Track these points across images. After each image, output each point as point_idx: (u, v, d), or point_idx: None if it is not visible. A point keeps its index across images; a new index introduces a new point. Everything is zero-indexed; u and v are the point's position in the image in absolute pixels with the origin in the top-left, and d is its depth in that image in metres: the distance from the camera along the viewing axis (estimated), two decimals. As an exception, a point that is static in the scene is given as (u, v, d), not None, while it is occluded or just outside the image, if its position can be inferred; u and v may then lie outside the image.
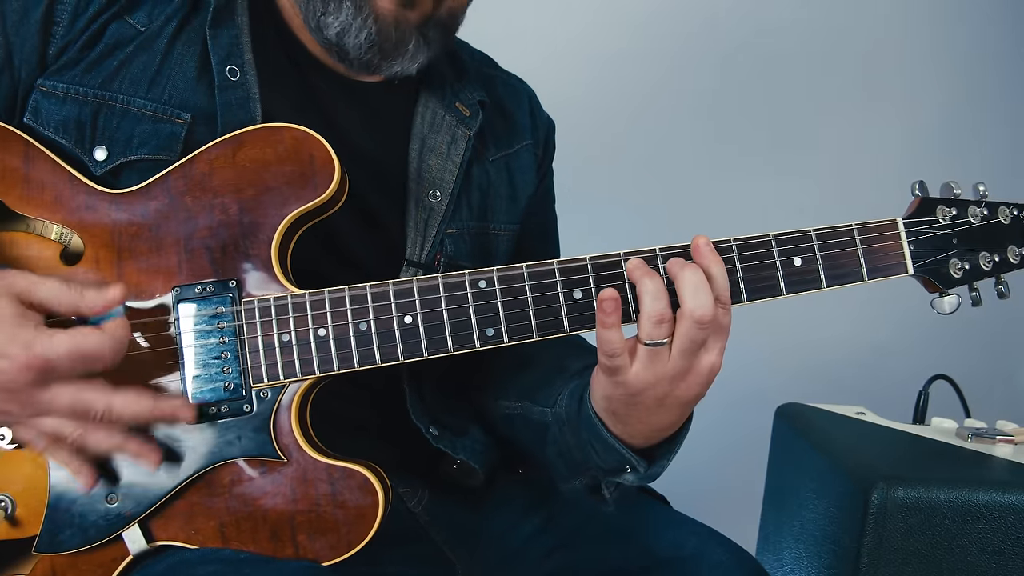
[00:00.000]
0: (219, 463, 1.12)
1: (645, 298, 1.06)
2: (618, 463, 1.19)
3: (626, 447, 1.17)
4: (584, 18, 2.79)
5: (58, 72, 1.21)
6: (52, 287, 1.01)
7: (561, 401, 1.27)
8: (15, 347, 0.96)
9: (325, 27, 1.26)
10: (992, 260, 1.21)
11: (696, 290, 1.05)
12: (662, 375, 1.08)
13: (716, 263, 1.09)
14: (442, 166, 1.40)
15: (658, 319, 1.05)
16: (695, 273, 1.06)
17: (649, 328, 1.05)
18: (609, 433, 1.17)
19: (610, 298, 1.06)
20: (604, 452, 1.19)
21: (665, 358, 1.07)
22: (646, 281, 1.07)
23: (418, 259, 1.36)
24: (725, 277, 1.09)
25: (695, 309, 1.04)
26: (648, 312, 1.06)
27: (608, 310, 1.06)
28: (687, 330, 1.05)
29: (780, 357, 2.87)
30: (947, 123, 2.95)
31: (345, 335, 1.13)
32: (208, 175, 1.16)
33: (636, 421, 1.14)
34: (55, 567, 1.12)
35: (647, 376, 1.08)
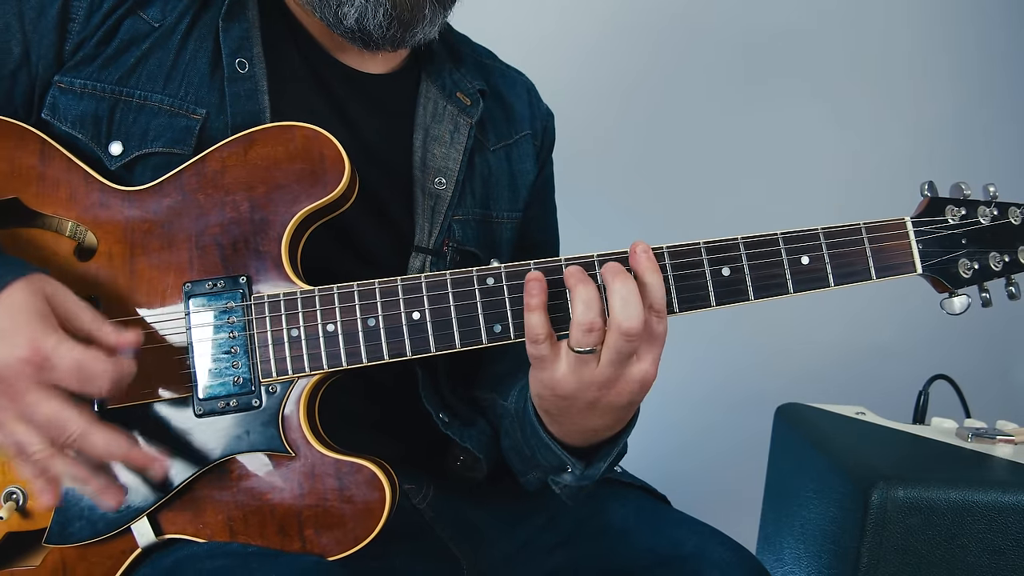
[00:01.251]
0: (228, 457, 1.13)
1: (577, 306, 1.06)
2: (557, 462, 1.21)
3: (562, 447, 1.19)
4: (584, 14, 2.79)
5: (75, 68, 1.22)
6: (79, 305, 1.04)
7: (513, 395, 1.30)
8: (24, 338, 0.97)
9: (344, 17, 1.27)
10: (1002, 260, 1.20)
11: (625, 301, 1.04)
12: (590, 381, 1.08)
13: (651, 271, 1.08)
14: (446, 154, 1.42)
15: (587, 328, 1.05)
16: (625, 284, 1.05)
17: (578, 336, 1.05)
18: (545, 432, 1.19)
19: (535, 279, 1.06)
20: (542, 450, 1.21)
21: (593, 366, 1.07)
22: (579, 288, 1.06)
23: (426, 245, 1.37)
24: (660, 286, 1.08)
25: (623, 321, 1.04)
26: (578, 320, 1.05)
27: (533, 292, 1.06)
28: (614, 341, 1.05)
29: (780, 357, 2.87)
30: (957, 123, 2.94)
31: (353, 330, 1.14)
32: (220, 172, 1.18)
33: (570, 422, 1.16)
34: (65, 559, 1.12)
35: (574, 381, 1.08)
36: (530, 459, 1.28)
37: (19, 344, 0.96)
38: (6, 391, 0.98)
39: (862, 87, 2.92)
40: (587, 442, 1.20)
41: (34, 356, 0.96)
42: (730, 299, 1.14)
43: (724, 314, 1.16)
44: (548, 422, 1.19)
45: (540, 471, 1.28)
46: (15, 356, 0.96)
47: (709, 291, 1.14)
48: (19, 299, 0.99)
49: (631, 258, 1.09)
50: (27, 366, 0.96)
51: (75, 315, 1.04)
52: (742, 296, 1.14)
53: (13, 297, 0.99)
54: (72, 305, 1.04)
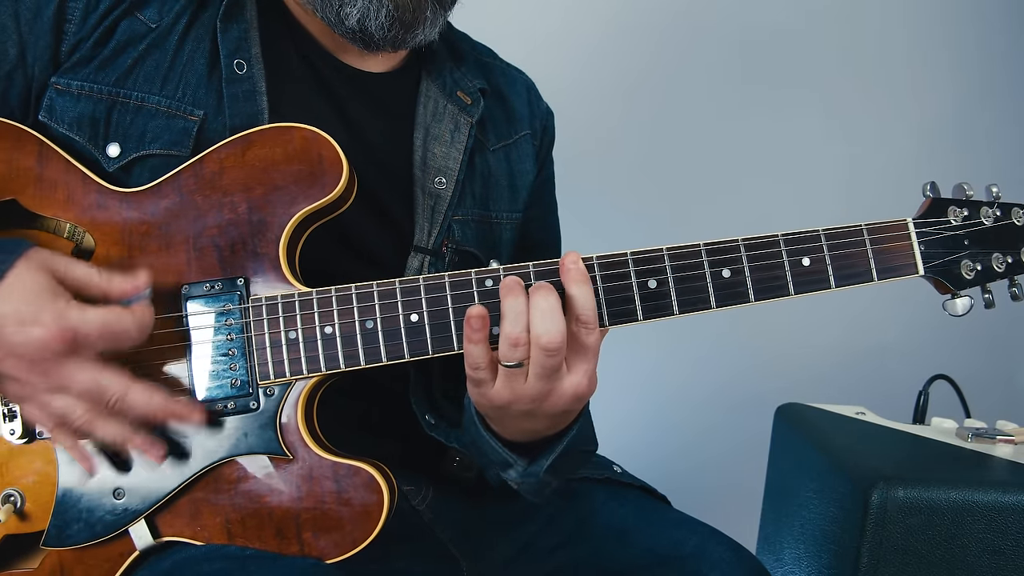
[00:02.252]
0: (225, 460, 1.12)
1: (504, 319, 1.06)
2: (500, 459, 1.22)
3: (504, 444, 1.20)
4: (586, 14, 2.79)
5: (72, 69, 1.22)
6: (84, 269, 1.05)
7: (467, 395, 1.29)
8: (48, 316, 0.98)
9: (346, 17, 1.26)
10: (1005, 261, 1.20)
11: (544, 316, 1.03)
12: (521, 394, 1.08)
13: (577, 283, 1.07)
14: (446, 153, 1.41)
15: (513, 342, 1.05)
16: (546, 298, 1.04)
17: (505, 350, 1.05)
18: (486, 431, 1.20)
19: (477, 316, 1.06)
20: (487, 448, 1.22)
21: (523, 379, 1.07)
22: (507, 301, 1.06)
23: (426, 245, 1.37)
24: (588, 297, 1.07)
25: (541, 336, 1.03)
26: (506, 333, 1.05)
27: (475, 327, 1.06)
28: (537, 356, 1.04)
29: (780, 357, 2.87)
30: (959, 123, 2.94)
31: (351, 333, 1.13)
32: (218, 174, 1.17)
33: (509, 425, 1.17)
34: (63, 561, 1.12)
35: (507, 393, 1.08)
36: (480, 456, 1.28)
37: (45, 323, 0.97)
38: (42, 369, 0.99)
39: (864, 87, 2.91)
40: (529, 440, 1.20)
41: (64, 332, 0.98)
42: (731, 301, 1.14)
43: (724, 314, 1.15)
44: (489, 423, 1.20)
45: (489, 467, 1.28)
46: (45, 337, 0.97)
47: (710, 293, 1.14)
48: (29, 280, 1.00)
49: (560, 268, 1.09)
50: (58, 343, 0.98)
51: (82, 279, 1.05)
52: (743, 298, 1.14)
53: (22, 279, 1.00)
54: (76, 270, 1.05)
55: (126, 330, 1.03)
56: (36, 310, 0.98)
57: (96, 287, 1.05)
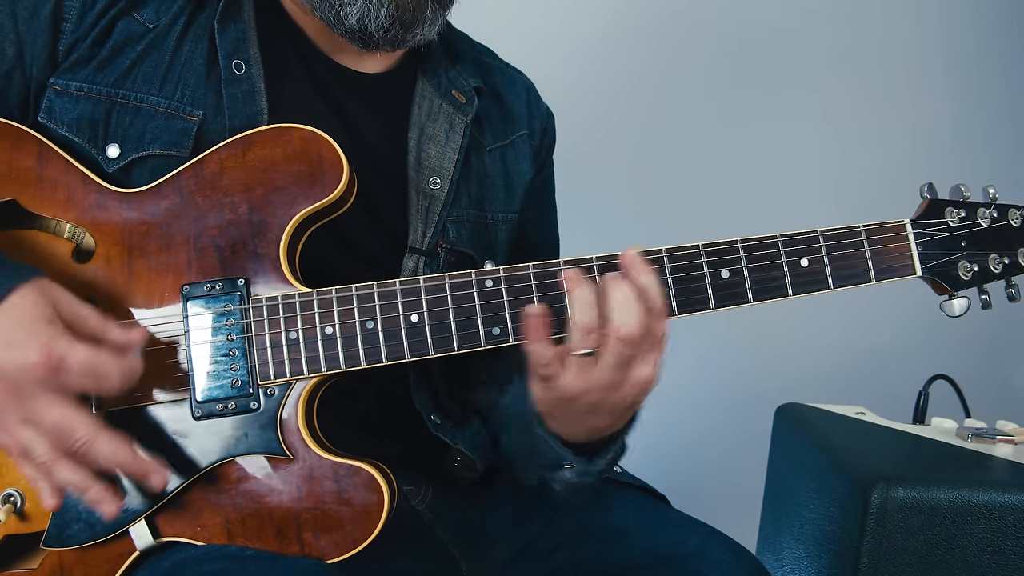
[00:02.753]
0: (226, 460, 1.12)
1: (574, 309, 1.07)
2: (557, 459, 1.22)
3: (563, 445, 1.19)
4: (586, 14, 2.79)
5: (70, 70, 1.22)
6: (83, 309, 1.05)
7: (509, 394, 1.30)
8: (37, 342, 0.97)
9: (346, 17, 1.26)
10: (1002, 263, 1.20)
11: (622, 307, 1.05)
12: (594, 384, 1.08)
13: (646, 274, 1.08)
14: (441, 153, 1.41)
15: (586, 330, 1.06)
16: (622, 289, 1.06)
17: (578, 338, 1.06)
18: (545, 431, 1.19)
19: (537, 314, 1.07)
20: (542, 447, 1.21)
21: (595, 368, 1.07)
22: (576, 292, 1.07)
23: (420, 246, 1.37)
24: (657, 288, 1.08)
25: (620, 327, 1.04)
26: (576, 323, 1.06)
27: (532, 326, 1.07)
28: (614, 346, 1.05)
29: (780, 357, 2.87)
30: (956, 124, 2.94)
31: (352, 333, 1.13)
32: (218, 174, 1.17)
33: (572, 423, 1.17)
34: (63, 562, 1.12)
35: (579, 384, 1.09)
36: (529, 456, 1.28)
37: (32, 349, 0.97)
38: (17, 395, 0.99)
39: (862, 89, 2.91)
40: (588, 439, 1.20)
41: (49, 361, 0.97)
42: (729, 302, 1.14)
43: (724, 314, 1.16)
44: (548, 421, 1.19)
45: (538, 468, 1.28)
46: (29, 361, 0.97)
47: (708, 294, 1.14)
48: (27, 304, 1.00)
49: (624, 265, 1.10)
50: (41, 371, 0.97)
51: (80, 318, 1.04)
52: (741, 299, 1.14)
53: (22, 302, 1.00)
54: (76, 308, 1.04)
55: (110, 374, 1.01)
56: (26, 335, 0.97)
57: (92, 328, 1.05)
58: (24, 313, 0.99)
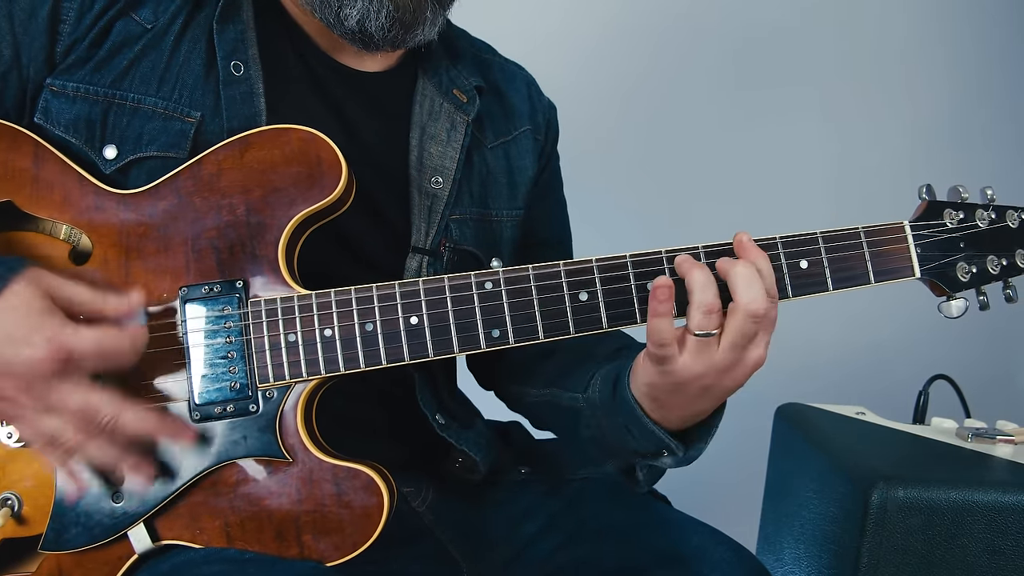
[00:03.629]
0: (225, 463, 1.12)
1: (695, 288, 1.07)
2: (656, 447, 1.19)
3: (664, 432, 1.17)
4: (586, 14, 2.79)
5: (67, 71, 1.21)
6: (79, 288, 1.05)
7: (594, 386, 1.28)
8: (41, 336, 0.98)
9: (346, 18, 1.26)
10: (1000, 264, 1.20)
11: (749, 284, 1.05)
12: (711, 366, 1.08)
13: (762, 257, 1.10)
14: (442, 153, 1.41)
15: (707, 309, 1.06)
16: (747, 267, 1.07)
17: (699, 318, 1.06)
18: (648, 418, 1.17)
19: (664, 286, 1.06)
20: (641, 436, 1.19)
21: (714, 349, 1.07)
22: (695, 272, 1.07)
23: (423, 246, 1.36)
24: (771, 271, 1.10)
25: (749, 303, 1.05)
26: (698, 302, 1.06)
27: (661, 298, 1.06)
28: (740, 323, 1.06)
29: (780, 357, 2.84)
30: (955, 125, 2.94)
31: (351, 335, 1.13)
32: (216, 176, 1.17)
33: (676, 407, 1.15)
34: (61, 565, 1.12)
35: (696, 367, 1.08)
36: (615, 448, 1.26)
37: (38, 344, 0.97)
38: (33, 389, 0.99)
39: (861, 89, 2.92)
40: (683, 426, 1.19)
41: (57, 353, 0.98)
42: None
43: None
44: (651, 408, 1.17)
45: (627, 458, 1.27)
46: (37, 357, 0.97)
47: (709, 295, 1.13)
48: (25, 298, 1.00)
49: (739, 248, 1.11)
50: (51, 364, 0.98)
51: (77, 299, 1.05)
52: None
53: (17, 297, 0.99)
54: (70, 290, 1.05)
55: (120, 350, 1.03)
56: (29, 330, 0.98)
57: (91, 306, 1.06)
58: (22, 308, 0.99)
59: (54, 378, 0.99)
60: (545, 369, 1.43)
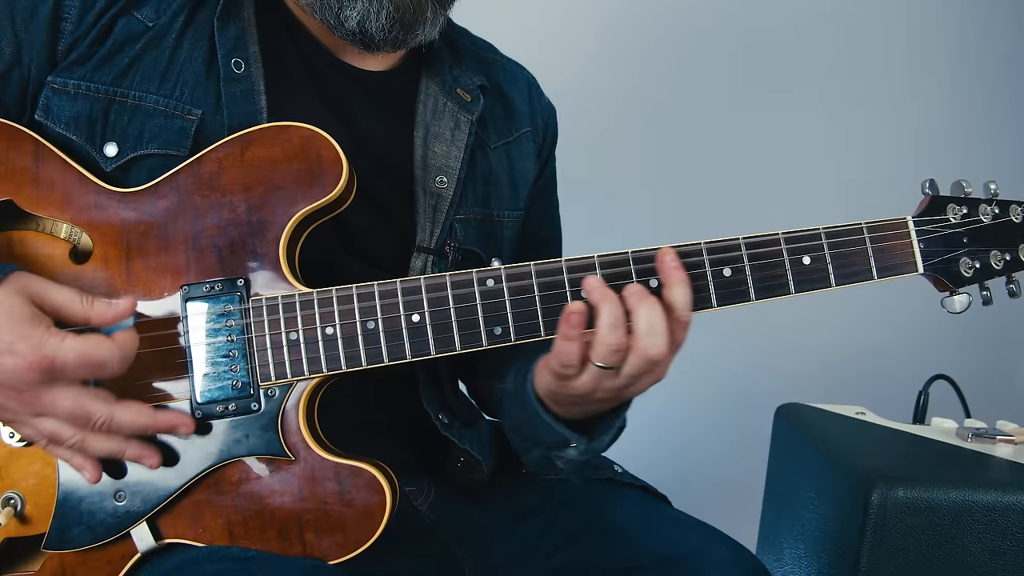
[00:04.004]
0: (227, 461, 1.12)
1: (602, 326, 1.05)
2: (560, 439, 1.21)
3: (564, 425, 1.19)
4: (586, 15, 2.79)
5: (68, 69, 1.21)
6: (65, 293, 1.04)
7: (509, 377, 1.30)
8: (25, 345, 0.97)
9: (346, 19, 1.26)
10: (1003, 259, 1.20)
11: (651, 328, 1.04)
12: (609, 388, 1.10)
13: (680, 281, 1.08)
14: (447, 152, 1.41)
15: (615, 348, 1.05)
16: (652, 309, 1.05)
17: (604, 355, 1.06)
18: (548, 414, 1.19)
19: (576, 312, 1.05)
20: (544, 429, 1.21)
21: (613, 376, 1.08)
22: (604, 308, 1.06)
23: (428, 245, 1.36)
24: (687, 296, 1.08)
25: (648, 348, 1.04)
26: (605, 341, 1.05)
27: (573, 323, 1.06)
28: (638, 361, 1.05)
29: (780, 357, 2.87)
30: (957, 121, 2.94)
31: (353, 333, 1.13)
32: (217, 174, 1.17)
33: (572, 408, 1.18)
34: (64, 564, 1.12)
35: (591, 385, 1.09)
36: (532, 437, 1.27)
37: (22, 353, 0.97)
38: (21, 397, 0.99)
39: (863, 86, 2.92)
40: (584, 416, 1.20)
41: (41, 362, 0.97)
42: (732, 300, 1.14)
43: (724, 314, 1.15)
44: (552, 405, 1.19)
45: (543, 448, 1.27)
46: (22, 366, 0.97)
47: (711, 292, 1.14)
48: (7, 307, 0.99)
49: (660, 267, 1.10)
50: (36, 372, 0.97)
51: (64, 305, 1.03)
52: (744, 297, 1.14)
53: (1, 305, 0.98)
54: (57, 296, 1.03)
55: (105, 360, 1.01)
56: (12, 339, 0.97)
57: (78, 313, 1.04)
58: (7, 315, 0.98)
59: (40, 386, 0.99)
60: (489, 358, 1.44)
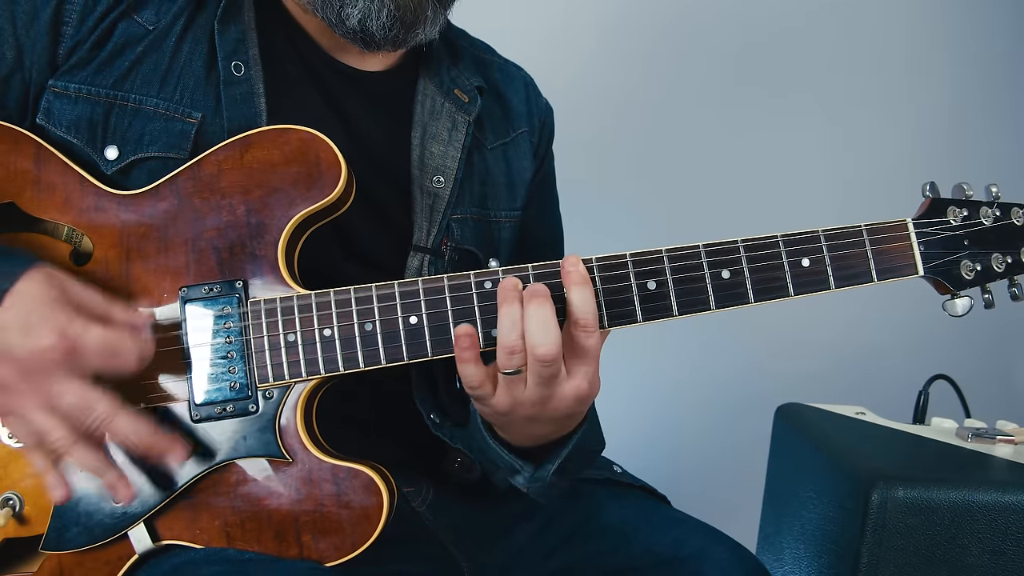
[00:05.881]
0: (224, 463, 1.12)
1: (500, 328, 1.05)
2: (507, 465, 1.23)
3: (510, 451, 1.21)
4: (584, 15, 2.79)
5: (69, 72, 1.21)
6: (87, 292, 1.05)
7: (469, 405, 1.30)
8: (51, 327, 0.98)
9: (347, 18, 1.26)
10: (1005, 261, 1.19)
11: (539, 327, 1.03)
12: (522, 400, 1.09)
13: (577, 286, 1.07)
14: (444, 152, 1.41)
15: (509, 350, 1.05)
16: (540, 308, 1.04)
17: (503, 358, 1.06)
18: (493, 439, 1.21)
19: (465, 334, 1.06)
20: (493, 455, 1.23)
21: (523, 386, 1.08)
22: (502, 309, 1.06)
23: (425, 244, 1.37)
24: (588, 300, 1.07)
25: (537, 347, 1.03)
26: (502, 342, 1.05)
27: (464, 345, 1.06)
28: (532, 365, 1.05)
29: (780, 357, 2.87)
30: (958, 122, 2.94)
31: (351, 335, 1.13)
32: (216, 176, 1.17)
33: (514, 431, 1.18)
34: (62, 565, 1.12)
35: (508, 401, 1.09)
36: (488, 461, 1.29)
37: (46, 334, 0.97)
38: (34, 380, 0.99)
39: (862, 87, 2.91)
40: (536, 444, 1.21)
41: (63, 342, 0.98)
42: (730, 302, 1.13)
43: (723, 313, 1.15)
44: (496, 430, 1.21)
45: (502, 473, 1.29)
46: (45, 345, 0.97)
47: (709, 294, 1.13)
48: (35, 290, 1.00)
49: (561, 272, 1.09)
50: (57, 354, 0.98)
51: (87, 300, 1.05)
52: (742, 299, 1.13)
53: (30, 287, 1.00)
54: (81, 290, 1.05)
55: (126, 352, 1.02)
56: (40, 319, 0.98)
57: (99, 310, 1.05)
58: (34, 298, 0.99)
59: (57, 369, 0.99)
60: None
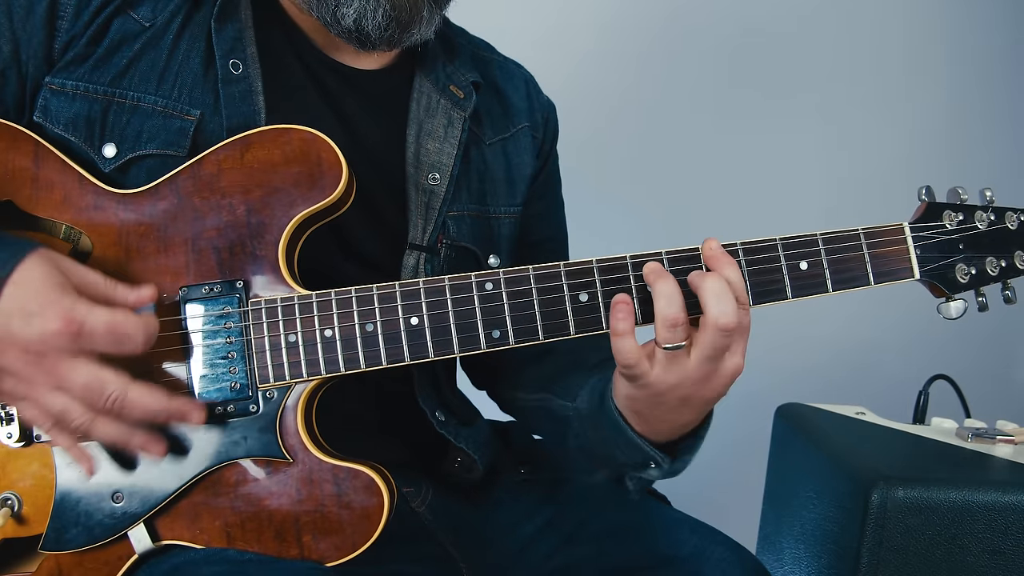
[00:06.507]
0: (225, 463, 1.12)
1: (659, 302, 1.06)
2: (642, 459, 1.20)
3: (650, 444, 1.18)
4: (581, 14, 2.79)
5: (66, 69, 1.21)
6: (90, 273, 1.05)
7: (582, 397, 1.29)
8: (56, 310, 0.97)
9: (342, 17, 1.26)
10: (999, 265, 1.20)
11: (719, 297, 1.05)
12: (684, 378, 1.08)
13: (730, 265, 1.09)
14: (440, 149, 1.41)
15: (672, 323, 1.05)
16: (716, 281, 1.06)
17: (664, 333, 1.06)
18: (633, 432, 1.18)
19: (623, 302, 1.06)
20: (628, 449, 1.20)
21: (685, 361, 1.07)
22: (659, 284, 1.07)
23: (420, 242, 1.36)
24: (741, 279, 1.09)
25: (719, 317, 1.04)
26: (662, 316, 1.05)
27: (620, 316, 1.06)
28: (711, 337, 1.05)
29: (780, 357, 2.86)
30: (954, 126, 2.94)
31: (351, 336, 1.13)
32: (216, 176, 1.17)
33: (659, 420, 1.16)
34: (61, 565, 1.12)
35: (669, 378, 1.08)
36: (603, 459, 1.27)
37: (51, 317, 0.97)
38: (42, 364, 0.99)
39: (859, 90, 2.91)
40: (670, 437, 1.20)
41: (69, 326, 0.97)
42: (729, 304, 1.14)
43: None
44: (635, 421, 1.18)
45: (615, 469, 1.28)
46: (51, 329, 0.97)
47: (708, 296, 1.13)
48: (38, 274, 0.99)
49: (707, 257, 1.11)
50: (63, 337, 0.97)
51: (90, 282, 1.04)
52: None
53: (32, 272, 0.99)
54: (84, 273, 1.04)
55: (132, 333, 1.01)
56: (44, 303, 0.97)
57: (101, 293, 1.05)
58: (37, 282, 0.98)
59: (65, 352, 0.98)
60: (538, 373, 1.44)
